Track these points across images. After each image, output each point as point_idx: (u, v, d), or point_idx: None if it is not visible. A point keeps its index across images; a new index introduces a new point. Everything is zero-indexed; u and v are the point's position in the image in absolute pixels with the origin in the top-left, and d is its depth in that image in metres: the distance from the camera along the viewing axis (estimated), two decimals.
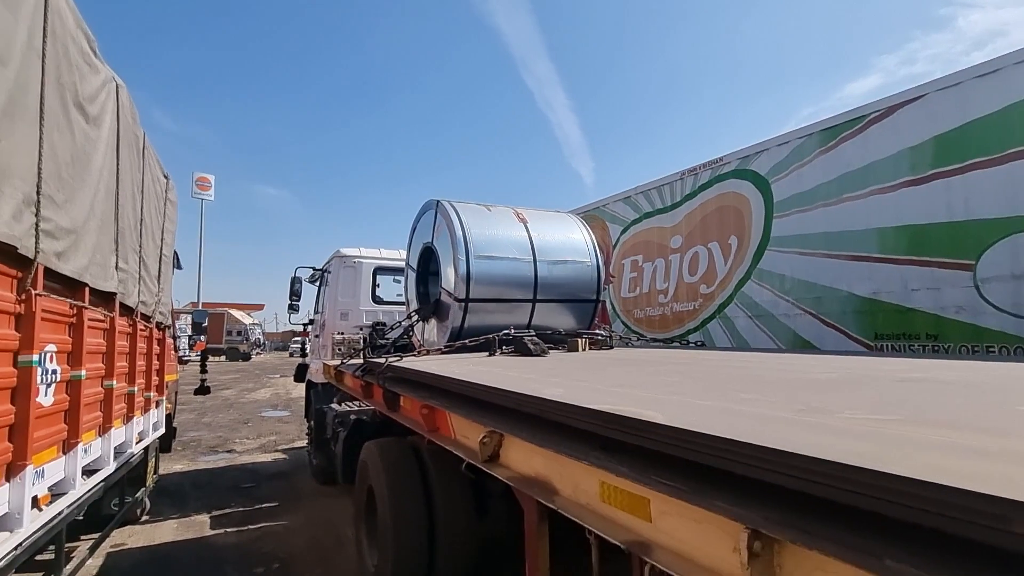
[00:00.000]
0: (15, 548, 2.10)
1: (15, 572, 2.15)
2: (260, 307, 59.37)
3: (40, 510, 2.39)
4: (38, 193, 2.19)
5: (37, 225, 2.19)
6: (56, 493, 2.64)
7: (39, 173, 2.20)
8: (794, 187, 5.52)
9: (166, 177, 4.95)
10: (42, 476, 2.39)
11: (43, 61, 2.24)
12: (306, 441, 7.58)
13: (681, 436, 1.15)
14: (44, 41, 2.24)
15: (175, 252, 5.73)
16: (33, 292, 2.19)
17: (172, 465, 7.38)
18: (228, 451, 8.59)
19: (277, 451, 8.65)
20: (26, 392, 2.18)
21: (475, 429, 2.04)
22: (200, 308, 24.30)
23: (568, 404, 1.59)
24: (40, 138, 2.21)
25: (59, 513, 2.57)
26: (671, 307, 6.95)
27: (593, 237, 5.05)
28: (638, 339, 7.06)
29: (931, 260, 4.42)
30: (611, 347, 4.36)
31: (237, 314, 47.58)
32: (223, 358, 40.21)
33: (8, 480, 2.10)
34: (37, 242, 2.19)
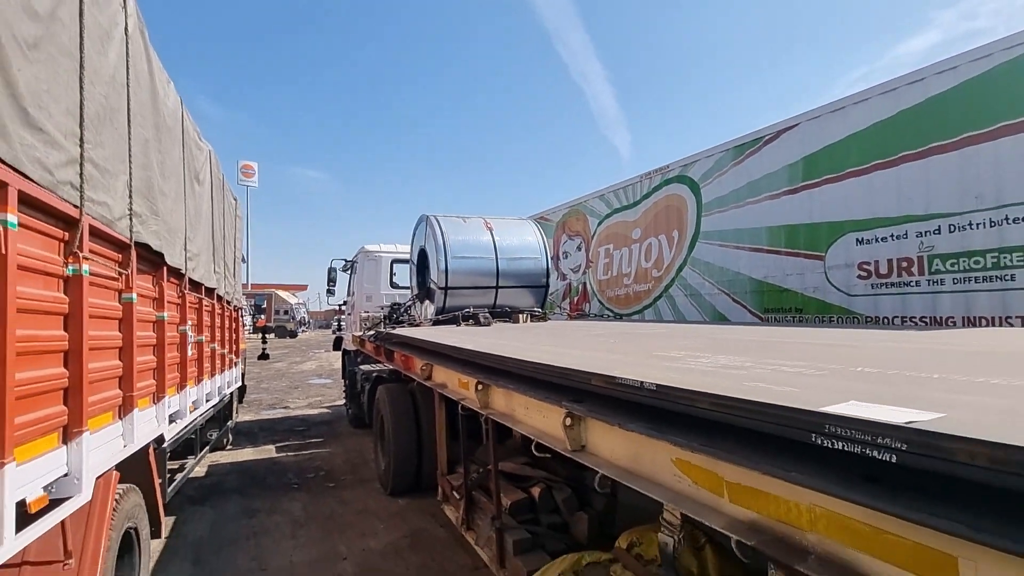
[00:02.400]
0: (185, 427, 3.97)
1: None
2: (304, 287, 62.80)
3: (194, 409, 4.27)
4: (186, 237, 3.99)
5: (186, 255, 3.98)
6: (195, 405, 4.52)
7: (186, 225, 3.99)
8: (716, 192, 6.89)
9: (235, 199, 6.80)
10: (197, 390, 4.26)
11: (183, 162, 4.01)
12: (343, 397, 9.55)
13: (531, 366, 2.69)
14: (183, 151, 4.01)
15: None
16: (186, 291, 4.01)
17: (243, 416, 9.48)
18: (284, 407, 10.70)
19: (322, 407, 10.70)
20: (184, 345, 4.01)
21: (422, 364, 3.72)
22: (254, 291, 26.99)
23: (474, 350, 3.20)
24: (184, 204, 4.00)
25: (210, 404, 4.46)
26: (632, 288, 8.44)
27: (544, 239, 6.63)
28: (606, 315, 8.62)
29: (799, 252, 5.80)
30: (545, 320, 5.99)
31: (283, 294, 51.02)
32: (273, 335, 43.66)
33: (178, 392, 3.95)
34: (186, 264, 3.99)
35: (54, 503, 1.99)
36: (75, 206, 2.14)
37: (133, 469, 2.92)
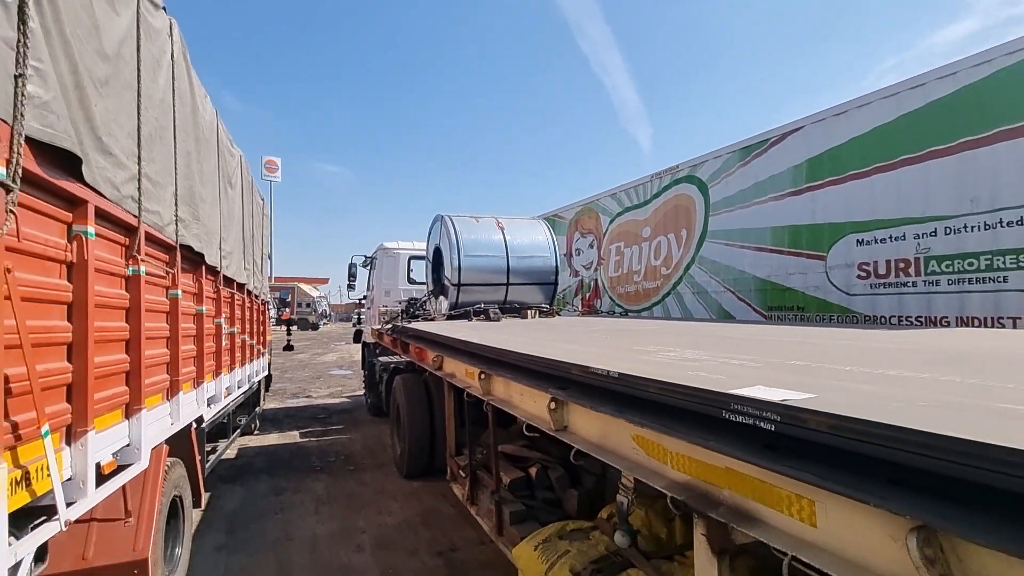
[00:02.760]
0: (220, 410, 4.37)
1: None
2: (325, 281, 64.07)
3: (228, 395, 4.68)
4: (220, 237, 4.37)
5: (220, 254, 4.37)
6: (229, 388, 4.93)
7: (220, 228, 4.37)
8: (723, 192, 7.06)
9: (263, 199, 7.22)
10: (230, 377, 4.66)
11: (218, 168, 4.39)
12: (363, 387, 9.98)
13: (525, 358, 3.04)
14: (218, 159, 4.39)
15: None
16: (220, 287, 4.40)
17: (269, 404, 9.99)
18: (306, 396, 11.21)
19: (343, 397, 11.17)
20: (219, 336, 4.41)
21: (433, 356, 4.04)
22: (277, 284, 27.77)
23: (479, 343, 3.51)
24: (219, 207, 4.38)
25: (240, 391, 4.87)
26: (641, 285, 8.65)
27: (554, 238, 6.90)
28: (617, 312, 8.86)
29: (801, 252, 5.96)
30: (553, 316, 6.27)
31: (305, 287, 52.13)
32: (295, 328, 44.77)
33: (215, 378, 4.34)
34: (220, 263, 4.38)
35: (120, 468, 2.36)
36: (135, 216, 2.50)
37: (178, 445, 3.31)
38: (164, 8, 3.06)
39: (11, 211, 1.52)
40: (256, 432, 7.78)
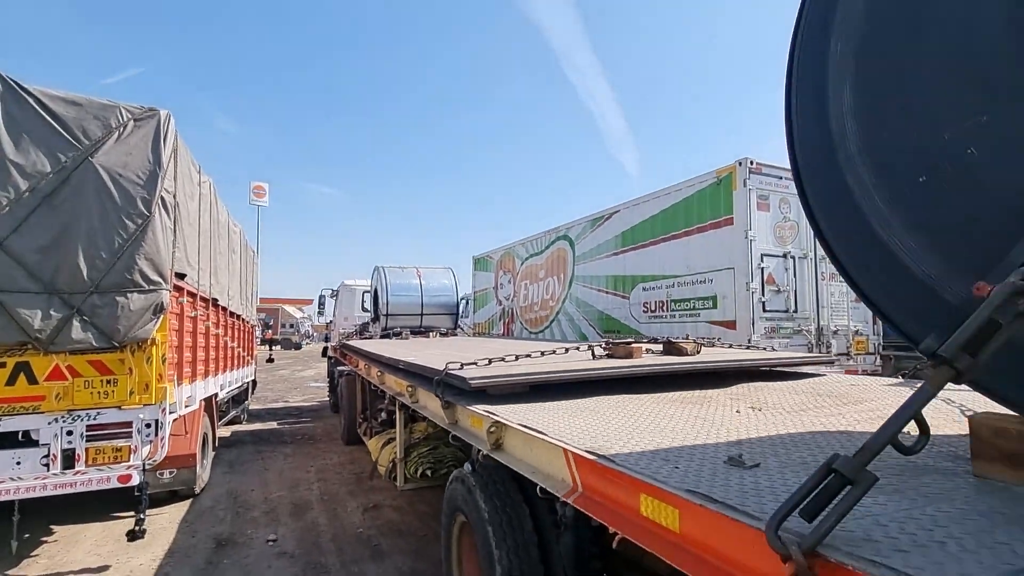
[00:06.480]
0: (226, 393, 7.13)
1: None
2: (309, 302, 66.26)
3: (223, 389, 7.42)
4: (228, 287, 7.17)
5: (228, 297, 7.16)
6: (222, 387, 7.66)
7: (229, 281, 7.18)
8: (583, 248, 10.02)
9: (254, 252, 9.99)
10: (230, 374, 7.39)
11: (228, 244, 7.22)
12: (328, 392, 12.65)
13: (392, 360, 5.84)
14: (228, 239, 7.23)
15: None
16: (227, 318, 7.18)
17: (254, 406, 12.58)
18: (284, 401, 13.82)
19: (314, 401, 13.80)
20: (227, 348, 7.16)
21: (361, 363, 6.80)
22: (262, 304, 30.22)
23: (376, 352, 6.29)
24: (228, 268, 7.18)
25: (237, 385, 7.59)
26: (539, 313, 11.54)
27: (457, 281, 9.81)
28: (524, 333, 11.72)
29: (619, 293, 8.89)
30: (449, 336, 9.12)
31: (290, 308, 54.31)
32: (279, 347, 46.84)
33: (224, 372, 7.07)
34: (228, 302, 7.16)
35: (188, 405, 5.12)
36: (195, 288, 5.30)
37: (207, 406, 6.05)
38: (200, 169, 5.90)
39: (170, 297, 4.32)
40: (244, 422, 10.41)
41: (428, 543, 4.52)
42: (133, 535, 4.16)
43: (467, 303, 16.90)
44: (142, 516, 4.20)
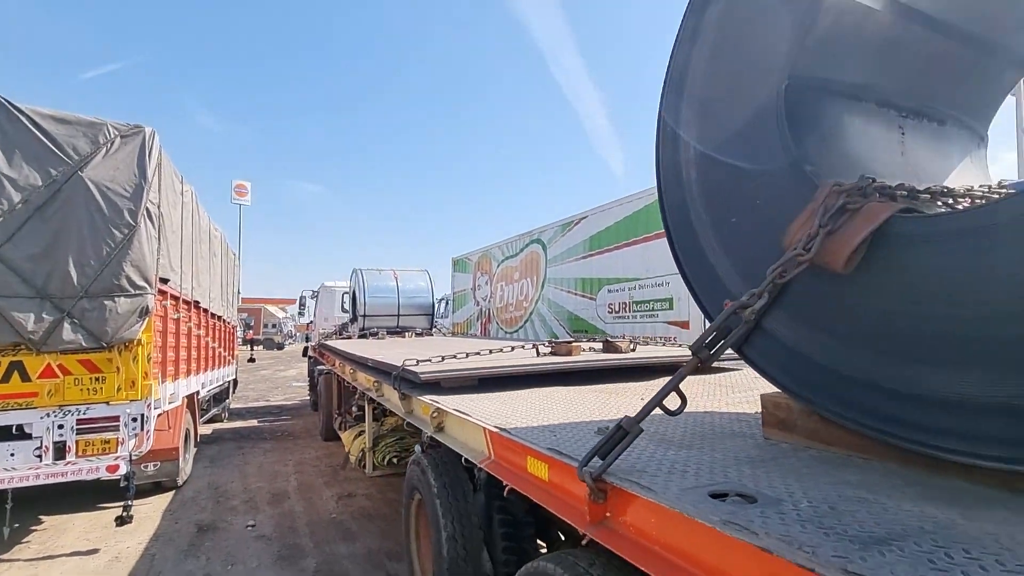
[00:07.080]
0: (207, 391, 7.45)
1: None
2: (293, 302, 65.97)
3: (205, 387, 7.74)
4: (209, 288, 7.49)
5: (209, 299, 7.48)
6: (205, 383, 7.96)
7: (210, 283, 7.50)
8: (554, 251, 10.48)
9: (235, 255, 10.28)
10: (212, 373, 7.71)
11: (210, 248, 7.54)
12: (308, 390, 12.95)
13: (361, 358, 6.23)
14: (210, 243, 7.54)
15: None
16: (209, 319, 7.50)
17: (235, 405, 12.83)
18: (265, 400, 14.08)
19: (295, 400, 14.08)
20: (207, 348, 7.48)
21: (338, 362, 7.17)
22: (245, 306, 30.27)
23: (349, 351, 6.67)
24: (209, 271, 7.50)
25: (218, 383, 7.91)
26: (513, 313, 11.99)
27: (432, 283, 10.21)
28: (501, 333, 12.15)
29: (587, 295, 9.36)
30: (425, 336, 9.51)
31: (272, 309, 54.07)
32: (261, 347, 46.65)
33: (205, 371, 7.39)
34: (209, 304, 7.48)
35: (172, 401, 5.46)
36: (179, 292, 5.64)
37: (189, 402, 6.37)
38: (182, 179, 6.22)
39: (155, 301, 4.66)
40: (226, 421, 10.68)
41: (395, 525, 4.93)
42: (121, 520, 4.51)
43: (446, 303, 17.33)
44: (129, 503, 4.55)
